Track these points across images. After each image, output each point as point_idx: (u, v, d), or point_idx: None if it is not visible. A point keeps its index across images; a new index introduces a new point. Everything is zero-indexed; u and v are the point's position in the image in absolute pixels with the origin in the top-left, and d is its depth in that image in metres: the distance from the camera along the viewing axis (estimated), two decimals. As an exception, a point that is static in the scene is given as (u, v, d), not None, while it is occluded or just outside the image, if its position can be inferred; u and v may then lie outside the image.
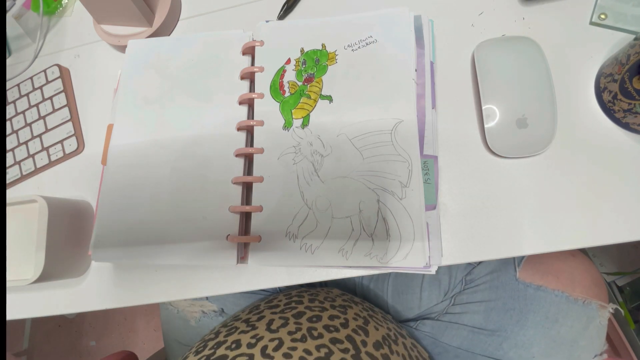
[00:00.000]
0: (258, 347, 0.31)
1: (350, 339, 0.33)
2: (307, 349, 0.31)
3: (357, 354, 0.32)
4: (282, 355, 0.30)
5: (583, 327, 0.42)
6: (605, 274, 0.82)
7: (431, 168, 0.33)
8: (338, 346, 0.32)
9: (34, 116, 0.46)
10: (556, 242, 0.31)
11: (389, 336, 0.37)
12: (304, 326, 0.34)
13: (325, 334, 0.33)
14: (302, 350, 0.31)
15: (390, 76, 0.35)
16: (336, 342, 0.32)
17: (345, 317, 0.37)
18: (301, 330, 0.33)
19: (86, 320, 1.25)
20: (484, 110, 0.33)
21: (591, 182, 0.32)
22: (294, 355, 0.30)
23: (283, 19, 0.42)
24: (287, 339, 0.32)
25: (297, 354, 0.30)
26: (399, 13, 0.36)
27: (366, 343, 0.34)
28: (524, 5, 0.37)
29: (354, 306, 0.40)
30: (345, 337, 0.33)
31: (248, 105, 0.38)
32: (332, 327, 0.34)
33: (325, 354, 0.31)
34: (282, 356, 0.30)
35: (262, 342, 0.32)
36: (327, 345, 0.32)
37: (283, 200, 0.34)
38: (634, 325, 0.77)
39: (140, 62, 0.41)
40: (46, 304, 0.40)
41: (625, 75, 0.29)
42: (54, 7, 0.51)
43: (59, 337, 1.26)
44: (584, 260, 0.46)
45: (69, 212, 0.38)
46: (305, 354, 0.30)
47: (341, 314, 0.37)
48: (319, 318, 0.36)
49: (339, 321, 0.36)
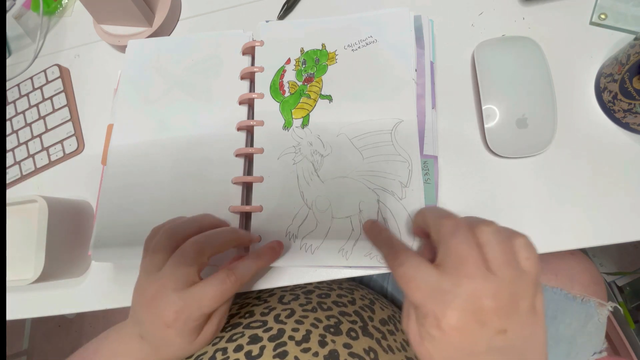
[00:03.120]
0: (271, 315, 0.32)
1: (358, 314, 0.35)
2: (318, 317, 0.32)
3: (364, 326, 0.33)
4: (294, 321, 0.31)
5: (581, 324, 0.42)
6: (605, 274, 0.82)
7: (431, 168, 0.33)
8: (347, 318, 0.33)
9: (34, 116, 0.46)
10: (556, 242, 0.31)
11: (394, 316, 0.39)
12: (314, 300, 0.35)
13: (335, 307, 0.35)
14: (313, 319, 0.32)
15: (390, 76, 0.35)
16: (345, 315, 0.34)
17: (352, 296, 0.38)
18: (311, 303, 0.35)
19: (86, 320, 1.25)
20: (484, 110, 0.33)
21: (591, 182, 0.32)
22: (306, 322, 0.31)
23: (283, 19, 0.42)
24: (299, 310, 0.33)
25: (309, 321, 0.31)
26: (399, 13, 0.36)
27: (373, 318, 0.35)
28: (524, 5, 0.37)
29: (360, 289, 0.42)
30: (353, 311, 0.35)
31: (248, 105, 0.38)
32: (341, 303, 0.36)
33: (335, 322, 0.32)
34: (295, 322, 0.31)
35: (274, 312, 0.33)
36: (337, 316, 0.33)
37: (283, 200, 0.34)
38: (634, 325, 0.77)
39: (140, 62, 0.41)
40: (46, 304, 0.40)
41: (625, 75, 0.29)
42: (54, 7, 0.51)
43: (59, 337, 1.26)
44: (583, 258, 0.46)
45: (69, 212, 0.38)
46: (316, 321, 0.32)
47: (349, 293, 0.39)
48: (327, 295, 0.37)
49: (347, 299, 0.37)
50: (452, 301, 0.21)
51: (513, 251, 0.22)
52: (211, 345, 0.30)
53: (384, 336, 0.33)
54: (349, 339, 0.31)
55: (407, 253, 0.25)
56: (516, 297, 0.22)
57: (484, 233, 0.23)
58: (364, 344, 0.31)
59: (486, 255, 0.22)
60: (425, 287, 0.22)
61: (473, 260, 0.22)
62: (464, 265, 0.22)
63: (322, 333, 0.30)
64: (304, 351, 0.28)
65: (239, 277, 0.28)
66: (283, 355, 0.28)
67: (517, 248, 0.23)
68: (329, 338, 0.30)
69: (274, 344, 0.29)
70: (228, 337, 0.30)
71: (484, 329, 0.21)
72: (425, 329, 0.22)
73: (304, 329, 0.30)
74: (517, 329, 0.21)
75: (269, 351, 0.28)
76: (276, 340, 0.29)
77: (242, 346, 0.29)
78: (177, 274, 0.27)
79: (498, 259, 0.22)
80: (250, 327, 0.31)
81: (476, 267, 0.22)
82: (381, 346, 0.32)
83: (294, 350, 0.28)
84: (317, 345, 0.29)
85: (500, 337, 0.21)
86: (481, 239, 0.23)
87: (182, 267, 0.27)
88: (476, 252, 0.22)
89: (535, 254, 0.23)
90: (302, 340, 0.29)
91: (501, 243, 0.22)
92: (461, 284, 0.21)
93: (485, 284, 0.21)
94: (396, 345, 0.33)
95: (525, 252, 0.23)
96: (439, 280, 0.22)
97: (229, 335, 0.31)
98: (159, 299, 0.27)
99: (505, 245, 0.22)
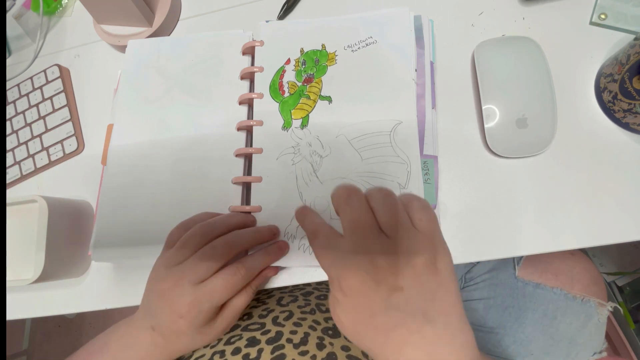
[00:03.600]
0: (269, 317, 0.33)
1: None
2: (316, 319, 0.32)
3: None
4: (292, 324, 0.31)
5: (581, 324, 0.42)
6: (605, 274, 0.82)
7: (431, 168, 0.33)
8: None
9: (34, 116, 0.46)
10: (556, 242, 0.31)
11: None
12: (313, 302, 0.36)
13: None
14: (311, 321, 0.32)
15: (390, 77, 0.35)
16: None
17: None
18: (310, 305, 0.35)
19: (86, 320, 1.25)
20: (484, 110, 0.33)
21: (591, 182, 0.32)
22: (304, 324, 0.31)
23: (283, 19, 0.42)
24: (297, 312, 0.33)
25: (307, 323, 0.32)
26: (399, 13, 0.36)
27: None
28: (524, 5, 0.37)
29: None
30: None
31: (248, 105, 0.38)
32: None
33: (334, 324, 0.32)
34: (293, 324, 0.31)
35: (273, 314, 0.33)
36: None
37: (282, 200, 0.34)
38: (634, 325, 0.77)
39: (140, 62, 0.41)
40: (46, 304, 0.40)
41: (625, 75, 0.29)
42: (54, 7, 0.51)
43: (59, 337, 1.26)
44: (583, 258, 0.46)
45: (69, 212, 0.38)
46: (314, 324, 0.32)
47: None
48: (326, 297, 0.37)
49: None
50: (349, 263, 0.22)
51: (405, 214, 0.23)
52: (209, 347, 0.30)
53: None
54: (347, 341, 0.30)
55: (323, 227, 0.26)
56: (409, 255, 0.22)
57: (374, 198, 0.24)
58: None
59: (378, 217, 0.23)
60: (330, 254, 0.24)
61: (364, 223, 0.23)
62: (357, 229, 0.23)
63: (321, 335, 0.30)
64: (302, 354, 0.28)
65: (248, 270, 0.29)
66: (281, 358, 0.28)
67: (412, 211, 0.24)
68: (327, 340, 0.30)
69: (272, 347, 0.29)
70: (226, 340, 0.30)
71: (379, 287, 0.22)
72: (332, 295, 0.24)
73: (302, 332, 0.30)
74: (415, 287, 0.22)
75: (266, 354, 0.28)
76: (274, 343, 0.29)
77: (240, 349, 0.29)
78: (199, 268, 0.28)
79: (387, 220, 0.23)
80: (249, 329, 0.31)
81: (368, 229, 0.23)
82: None
83: (292, 353, 0.28)
84: (315, 347, 0.29)
85: (397, 294, 0.22)
86: (372, 203, 0.24)
87: (207, 262, 0.28)
88: (367, 216, 0.23)
89: (431, 215, 0.24)
90: (300, 342, 0.29)
91: (389, 205, 0.23)
92: (355, 246, 0.23)
93: (377, 243, 0.22)
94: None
95: (419, 213, 0.24)
96: (340, 245, 0.23)
97: (227, 337, 0.31)
98: (175, 290, 0.28)
99: (395, 207, 0.23)
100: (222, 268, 0.29)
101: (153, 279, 0.30)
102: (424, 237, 0.23)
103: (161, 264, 0.30)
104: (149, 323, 0.29)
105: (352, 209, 0.24)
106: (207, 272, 0.28)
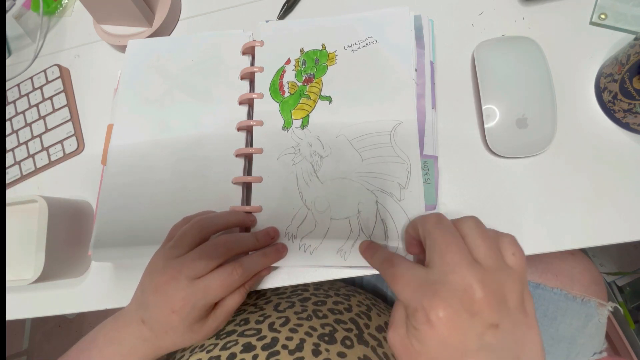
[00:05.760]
0: (265, 323, 0.32)
1: (354, 321, 0.35)
2: (313, 326, 0.32)
3: (360, 334, 0.33)
4: (288, 330, 0.31)
5: (582, 324, 0.42)
6: (605, 274, 0.82)
7: (431, 168, 0.33)
8: (342, 326, 0.33)
9: (34, 116, 0.46)
10: (556, 242, 0.31)
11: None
12: (310, 308, 0.35)
13: (330, 315, 0.35)
14: (307, 327, 0.32)
15: (390, 77, 0.35)
16: (340, 323, 0.34)
17: (349, 303, 0.38)
18: (307, 311, 0.35)
19: (86, 320, 1.25)
20: (484, 110, 0.33)
21: (591, 182, 0.32)
22: (300, 330, 0.31)
23: (283, 19, 0.42)
24: (294, 318, 0.33)
25: (303, 329, 0.31)
26: (399, 13, 0.36)
27: (369, 326, 0.35)
28: (524, 5, 0.37)
29: (357, 295, 0.41)
30: (348, 319, 0.35)
31: (248, 105, 0.38)
32: (337, 311, 0.36)
33: (330, 331, 0.32)
34: (289, 331, 0.31)
35: (269, 320, 0.33)
36: (332, 324, 0.33)
37: (282, 200, 0.34)
38: (634, 325, 0.77)
39: (140, 62, 0.41)
40: (46, 304, 0.40)
41: (625, 75, 0.29)
42: (54, 7, 0.51)
43: (59, 337, 1.26)
44: (583, 259, 0.46)
45: (69, 212, 0.38)
46: (310, 330, 0.31)
47: (345, 300, 0.38)
48: (323, 303, 0.37)
49: (343, 306, 0.37)
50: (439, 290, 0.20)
51: (497, 246, 0.22)
52: (205, 352, 0.30)
53: (379, 344, 0.33)
54: (344, 348, 0.30)
55: (400, 258, 0.25)
56: (503, 290, 0.21)
57: (465, 225, 0.23)
58: (359, 353, 0.30)
59: (469, 245, 0.22)
60: (414, 282, 0.22)
61: (457, 248, 0.21)
62: (449, 254, 0.21)
63: (316, 342, 0.30)
64: None
65: (245, 271, 0.29)
66: None
67: (502, 245, 0.22)
68: (322, 347, 0.30)
69: (267, 353, 0.28)
70: (222, 345, 0.30)
71: (474, 320, 0.20)
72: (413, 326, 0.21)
73: (298, 338, 0.30)
74: (509, 326, 0.20)
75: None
76: (269, 349, 0.29)
77: (235, 354, 0.29)
78: (197, 264, 0.28)
79: (481, 248, 0.22)
80: (245, 335, 0.31)
81: (461, 255, 0.21)
82: (376, 354, 0.31)
83: (287, 359, 0.28)
84: (310, 354, 0.29)
85: (492, 332, 0.20)
86: (463, 230, 0.23)
87: (205, 260, 0.28)
88: (459, 240, 0.22)
89: (521, 251, 0.22)
90: (296, 349, 0.29)
91: (484, 234, 0.22)
92: (447, 272, 0.21)
93: (472, 272, 0.20)
94: (392, 352, 0.33)
95: (511, 248, 0.22)
96: (427, 274, 0.22)
97: (223, 342, 0.31)
98: (171, 284, 0.28)
99: (489, 238, 0.22)
100: (219, 267, 0.29)
101: (149, 271, 0.30)
102: (516, 274, 0.21)
103: (160, 256, 0.30)
104: (140, 315, 0.29)
105: (442, 233, 0.22)
106: (204, 269, 0.28)
